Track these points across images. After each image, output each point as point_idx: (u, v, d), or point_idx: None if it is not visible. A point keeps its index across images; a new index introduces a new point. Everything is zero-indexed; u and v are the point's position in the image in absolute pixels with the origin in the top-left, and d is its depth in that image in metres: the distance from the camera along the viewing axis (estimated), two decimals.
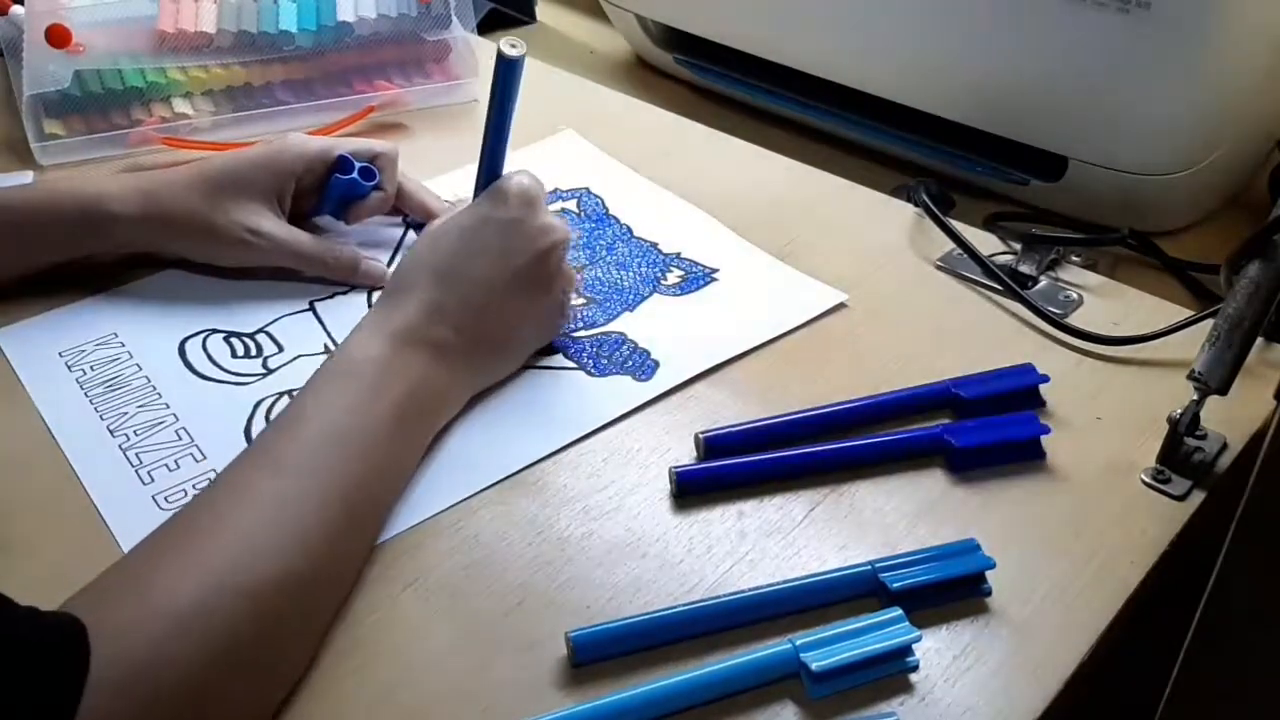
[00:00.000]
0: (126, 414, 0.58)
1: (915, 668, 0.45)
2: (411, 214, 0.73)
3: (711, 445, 0.56)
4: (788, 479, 0.55)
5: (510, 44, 0.57)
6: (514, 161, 0.80)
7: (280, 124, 0.83)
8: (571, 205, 0.76)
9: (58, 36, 0.78)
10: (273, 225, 0.67)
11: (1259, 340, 0.58)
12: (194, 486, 0.54)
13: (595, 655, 0.46)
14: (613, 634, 0.46)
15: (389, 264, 0.70)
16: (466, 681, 0.45)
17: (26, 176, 0.78)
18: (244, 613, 0.42)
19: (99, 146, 0.80)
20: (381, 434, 0.51)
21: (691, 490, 0.54)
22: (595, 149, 0.82)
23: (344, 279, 0.68)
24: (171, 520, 0.46)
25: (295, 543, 0.45)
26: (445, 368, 0.55)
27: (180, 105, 0.82)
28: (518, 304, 0.58)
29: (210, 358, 0.62)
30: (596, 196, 0.77)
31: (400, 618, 0.48)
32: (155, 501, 0.53)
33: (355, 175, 0.69)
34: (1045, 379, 0.59)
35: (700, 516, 0.53)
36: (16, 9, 0.84)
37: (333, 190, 0.70)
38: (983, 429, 0.56)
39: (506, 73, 0.58)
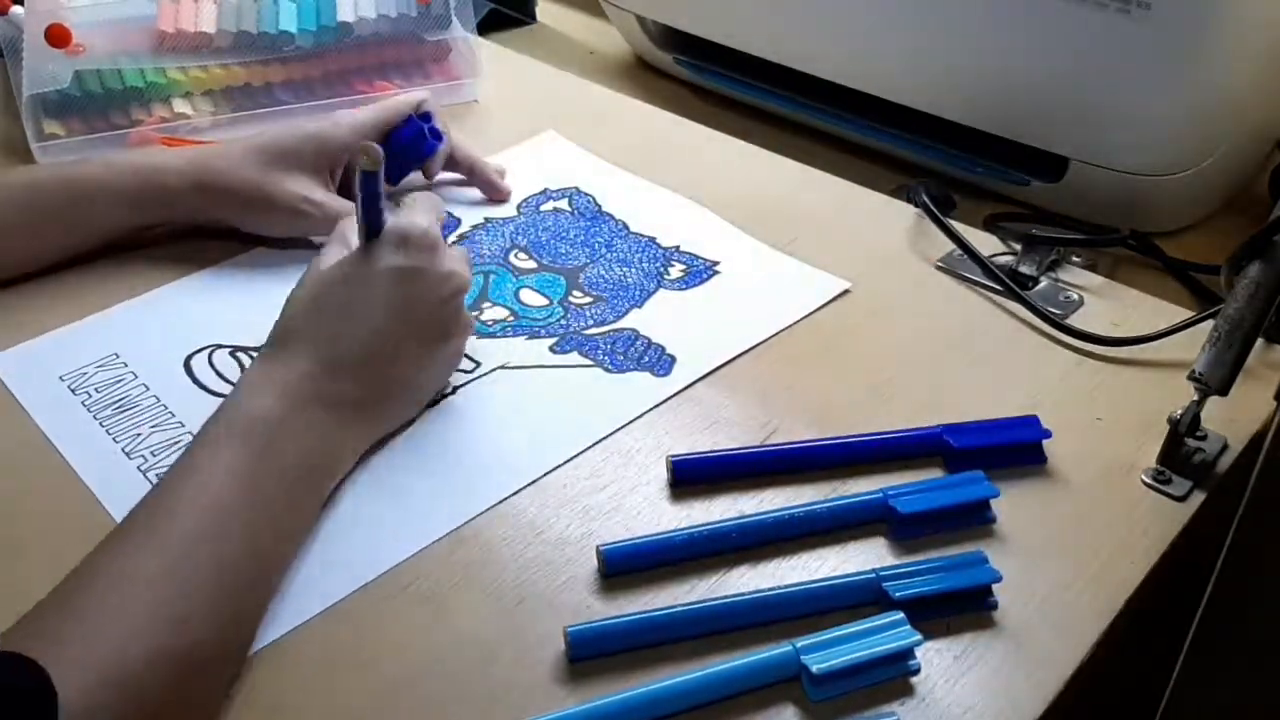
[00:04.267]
0: (140, 435, 0.57)
1: (916, 671, 0.45)
2: (461, 171, 0.76)
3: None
4: (788, 473, 0.54)
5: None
6: (497, 164, 0.80)
7: (280, 124, 0.83)
8: (564, 204, 0.76)
9: (57, 36, 0.78)
10: (324, 195, 0.69)
11: (1259, 341, 0.58)
12: None
13: (593, 651, 0.46)
14: (611, 630, 0.46)
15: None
16: (466, 681, 0.45)
17: None
18: (113, 703, 0.40)
19: (98, 146, 0.79)
20: (271, 504, 0.49)
21: (688, 480, 0.54)
22: (579, 148, 0.82)
23: None
24: (41, 606, 0.42)
25: (169, 624, 0.42)
26: (341, 425, 0.53)
27: (180, 105, 0.82)
28: (418, 354, 0.56)
29: (219, 373, 0.61)
30: (587, 195, 0.76)
31: (400, 618, 0.48)
32: None
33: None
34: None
35: (700, 516, 0.53)
36: (16, 9, 0.84)
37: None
38: (983, 431, 0.56)
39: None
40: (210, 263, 0.69)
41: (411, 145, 0.72)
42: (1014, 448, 0.55)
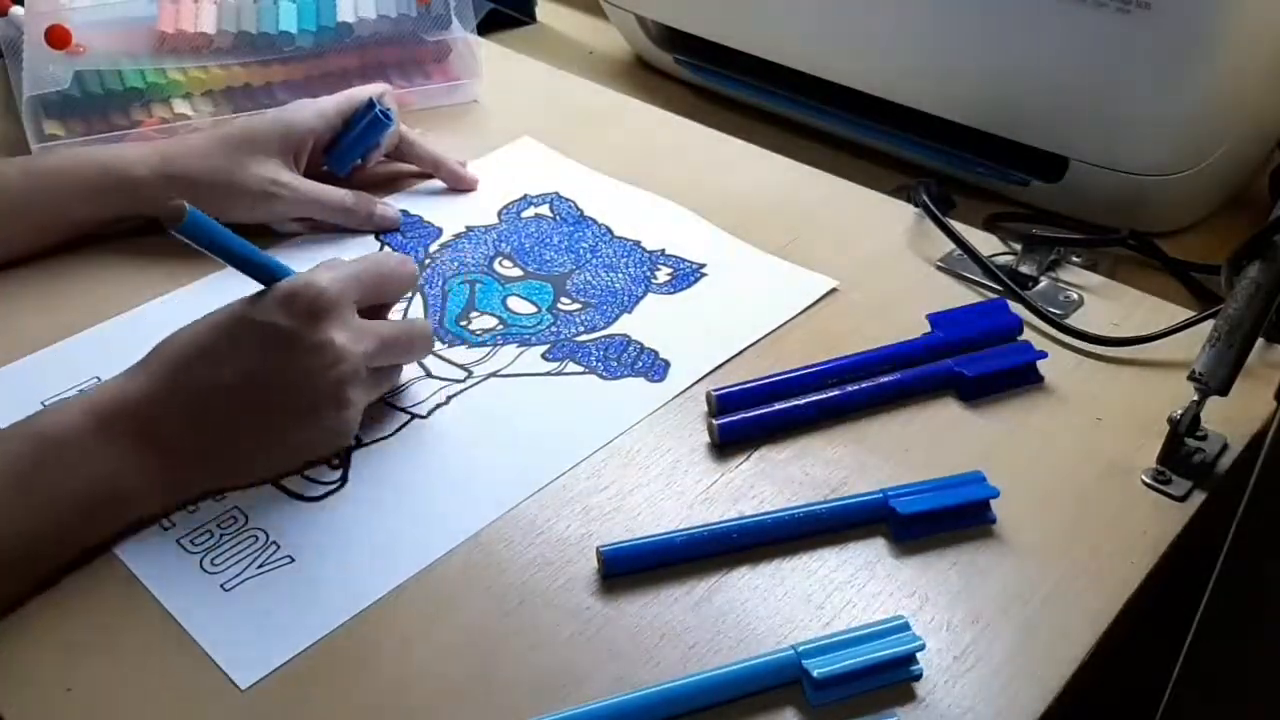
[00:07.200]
0: None
1: (919, 677, 0.45)
2: (419, 164, 0.78)
3: (723, 402, 0.58)
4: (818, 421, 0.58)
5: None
6: (474, 171, 0.79)
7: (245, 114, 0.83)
8: (545, 210, 0.75)
9: (58, 37, 0.78)
10: (291, 177, 0.70)
11: (1259, 341, 0.58)
12: (219, 526, 0.52)
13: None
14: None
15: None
16: (466, 682, 0.45)
17: None
18: None
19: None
20: (28, 525, 0.46)
21: (732, 440, 0.57)
22: (556, 154, 0.82)
23: (360, 224, 0.72)
24: None
25: None
26: (154, 462, 0.50)
27: (180, 106, 0.82)
28: (268, 422, 0.52)
29: None
30: (568, 200, 0.76)
31: (399, 618, 0.48)
32: (181, 546, 0.51)
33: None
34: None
35: (700, 516, 0.53)
36: (16, 9, 0.84)
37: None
38: (988, 359, 0.60)
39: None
40: (193, 278, 0.68)
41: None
42: (1016, 371, 0.60)
